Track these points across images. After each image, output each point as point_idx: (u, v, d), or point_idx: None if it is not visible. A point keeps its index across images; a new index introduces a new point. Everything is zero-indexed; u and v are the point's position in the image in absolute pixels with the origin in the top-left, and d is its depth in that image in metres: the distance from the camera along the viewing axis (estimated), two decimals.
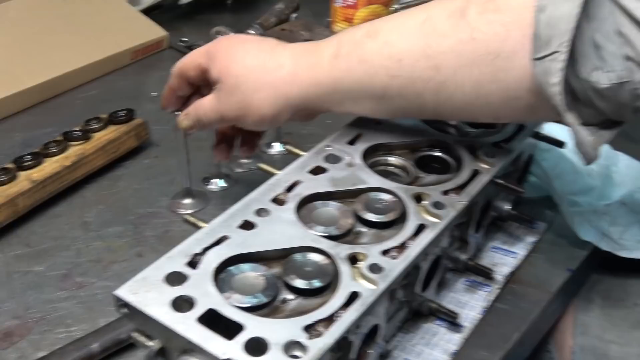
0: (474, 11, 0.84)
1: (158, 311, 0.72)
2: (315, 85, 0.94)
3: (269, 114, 0.96)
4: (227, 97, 0.97)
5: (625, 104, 0.79)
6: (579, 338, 1.13)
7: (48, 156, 1.19)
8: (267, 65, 0.95)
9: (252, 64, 0.95)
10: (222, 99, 0.97)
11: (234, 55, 0.97)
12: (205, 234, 0.83)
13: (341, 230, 0.86)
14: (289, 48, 0.97)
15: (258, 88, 0.95)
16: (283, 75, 0.94)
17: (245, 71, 0.95)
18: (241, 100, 0.96)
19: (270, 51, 0.96)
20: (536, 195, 1.18)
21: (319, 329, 0.73)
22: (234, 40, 1.00)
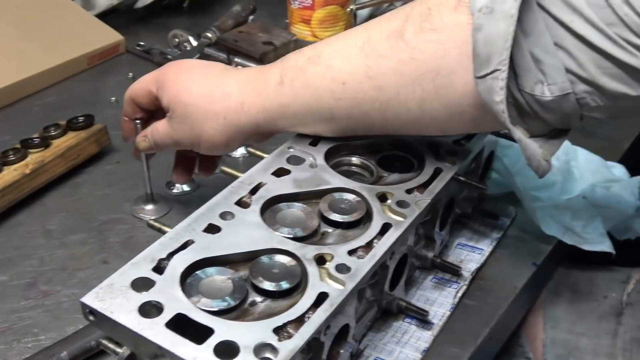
0: (412, 31, 0.85)
1: (126, 318, 0.72)
2: (263, 112, 0.95)
3: (221, 142, 0.97)
4: (180, 124, 0.97)
5: (569, 113, 0.81)
6: (550, 331, 1.15)
7: (6, 164, 1.17)
8: (214, 94, 0.95)
9: (199, 93, 0.95)
10: (175, 127, 0.98)
11: (182, 83, 0.97)
12: (169, 238, 0.82)
13: (307, 232, 0.86)
14: (234, 75, 0.97)
15: (208, 118, 0.95)
16: (231, 105, 0.95)
17: (194, 100, 0.95)
18: (192, 129, 0.97)
19: (216, 79, 0.96)
20: (499, 191, 1.19)
21: (289, 331, 0.73)
22: (182, 67, 1.00)
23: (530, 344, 1.17)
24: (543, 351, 1.15)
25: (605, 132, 1.40)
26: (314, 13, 1.74)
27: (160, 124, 1.00)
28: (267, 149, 1.02)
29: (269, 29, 1.77)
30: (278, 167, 0.95)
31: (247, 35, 1.72)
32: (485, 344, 0.95)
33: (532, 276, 1.06)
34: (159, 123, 1.01)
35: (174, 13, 2.01)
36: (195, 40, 1.68)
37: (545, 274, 1.14)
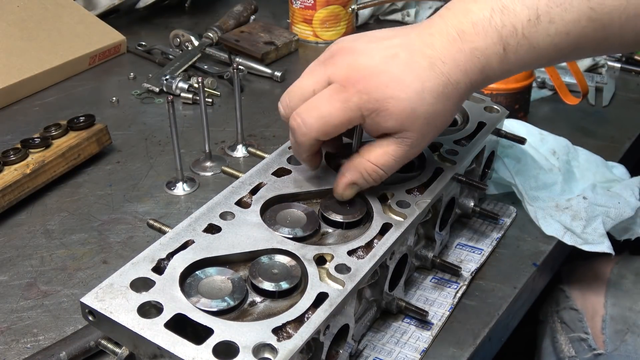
0: None
1: (125, 318, 0.72)
2: (486, 82, 0.89)
3: (452, 119, 0.92)
4: (421, 139, 0.87)
5: None
6: (610, 308, 1.19)
7: (7, 164, 1.17)
8: (446, 90, 0.85)
9: (437, 98, 0.85)
10: (414, 143, 0.87)
11: (408, 99, 0.84)
12: (169, 238, 0.82)
13: (307, 232, 0.86)
14: (447, 61, 0.85)
15: (449, 111, 0.88)
16: (463, 91, 0.86)
17: (433, 108, 0.85)
18: (436, 132, 0.89)
19: (435, 74, 0.84)
20: (499, 191, 1.19)
21: (288, 331, 0.73)
22: (383, 80, 0.85)
23: (590, 319, 1.20)
24: (602, 326, 1.18)
25: (605, 132, 1.41)
26: (315, 13, 1.74)
27: (385, 153, 0.88)
28: (267, 149, 1.02)
29: (271, 28, 1.77)
30: (278, 167, 0.96)
31: (248, 35, 1.72)
32: (485, 344, 0.95)
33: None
34: (381, 154, 0.88)
35: (176, 13, 2.01)
36: (196, 40, 1.69)
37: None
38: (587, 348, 1.18)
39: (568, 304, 1.23)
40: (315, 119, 0.86)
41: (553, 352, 1.24)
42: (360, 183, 0.90)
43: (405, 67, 0.84)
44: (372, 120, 0.85)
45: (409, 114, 0.84)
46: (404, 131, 0.86)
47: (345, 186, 0.90)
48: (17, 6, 1.65)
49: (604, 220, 1.10)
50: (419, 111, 0.84)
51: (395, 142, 0.87)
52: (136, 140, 1.38)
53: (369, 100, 0.84)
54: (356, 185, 0.90)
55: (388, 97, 0.83)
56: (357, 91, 0.84)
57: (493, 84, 0.91)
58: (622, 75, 1.64)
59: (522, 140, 1.12)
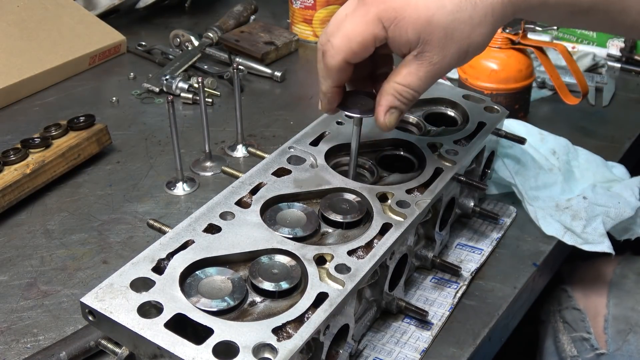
0: None
1: (125, 318, 0.72)
2: (526, 4, 0.85)
3: (489, 40, 0.87)
4: (441, 52, 0.84)
5: None
6: (613, 308, 1.19)
7: (7, 164, 1.17)
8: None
9: (459, 5, 0.81)
10: (435, 59, 0.84)
11: (426, 6, 0.81)
12: (169, 238, 0.82)
13: (307, 232, 0.86)
14: None
15: (477, 23, 0.83)
16: (495, 3, 0.82)
17: (454, 16, 0.81)
18: (461, 46, 0.84)
19: None
20: (499, 191, 1.19)
21: (288, 331, 0.73)
22: None
23: (592, 319, 1.20)
24: (604, 326, 1.18)
25: (606, 132, 1.41)
26: (315, 13, 1.74)
27: (409, 73, 0.86)
28: (267, 149, 1.02)
29: (271, 28, 1.77)
30: (278, 167, 0.96)
31: (248, 35, 1.72)
32: (485, 344, 0.95)
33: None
34: (406, 74, 0.86)
35: (175, 13, 2.01)
36: (196, 40, 1.68)
37: None
38: (589, 348, 1.18)
39: (570, 304, 1.23)
40: (340, 38, 0.85)
41: (555, 351, 1.24)
42: (396, 105, 0.88)
43: None
44: (393, 33, 0.83)
45: (426, 22, 0.81)
46: (423, 44, 0.83)
47: (385, 113, 0.88)
48: (17, 6, 1.65)
49: (604, 220, 1.10)
50: (437, 19, 0.81)
51: (416, 60, 0.84)
52: (136, 140, 1.38)
53: (386, 9, 0.82)
54: (394, 109, 0.88)
55: (405, 5, 0.81)
56: (376, 1, 0.82)
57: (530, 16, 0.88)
58: (622, 75, 1.64)
59: (522, 140, 1.12)
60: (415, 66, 0.85)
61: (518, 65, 1.31)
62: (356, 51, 0.85)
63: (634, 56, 1.66)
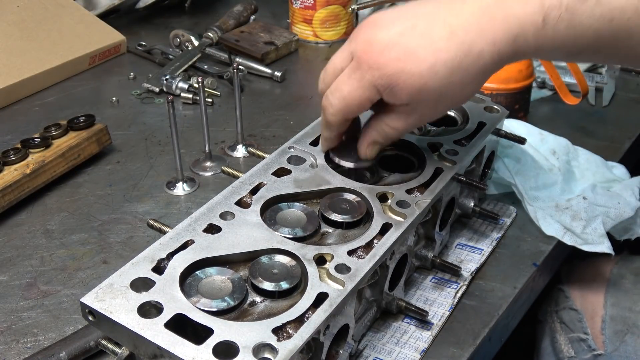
0: None
1: (125, 318, 0.72)
2: (518, 54, 0.86)
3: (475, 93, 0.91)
4: (432, 110, 0.89)
5: None
6: (610, 309, 1.18)
7: (7, 164, 1.17)
8: (465, 62, 0.83)
9: (451, 72, 0.83)
10: (425, 113, 0.90)
11: (420, 72, 0.83)
12: (169, 238, 0.82)
13: (307, 232, 0.86)
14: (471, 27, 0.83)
15: (467, 84, 0.86)
16: (487, 63, 0.85)
17: (446, 81, 0.84)
18: (450, 104, 0.91)
19: (454, 43, 0.83)
20: (499, 191, 1.19)
21: (288, 331, 0.73)
22: (398, 54, 0.84)
23: (590, 319, 1.20)
24: (601, 326, 1.18)
25: (606, 132, 1.41)
26: (315, 13, 1.74)
27: (399, 119, 0.90)
28: (267, 149, 1.02)
29: (271, 28, 1.77)
30: (278, 167, 0.96)
31: (248, 35, 1.72)
32: (485, 344, 0.95)
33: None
34: (396, 120, 0.90)
35: (176, 13, 2.01)
36: (196, 40, 1.68)
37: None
38: (586, 348, 1.18)
39: (567, 304, 1.23)
40: (338, 100, 0.89)
41: (552, 352, 1.24)
42: (380, 141, 0.93)
43: (421, 39, 0.83)
44: (387, 96, 0.86)
45: (420, 88, 0.84)
46: (416, 104, 0.87)
47: (368, 144, 0.94)
48: (17, 6, 1.65)
49: (604, 221, 1.10)
50: (431, 86, 0.83)
51: (409, 112, 0.88)
52: (136, 140, 1.38)
53: (380, 76, 0.84)
54: (377, 144, 0.94)
55: (399, 72, 0.83)
56: (370, 67, 0.85)
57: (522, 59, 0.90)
58: (622, 75, 1.64)
59: (522, 140, 1.12)
60: (406, 116, 0.89)
61: (518, 65, 1.31)
62: (353, 111, 0.91)
63: None
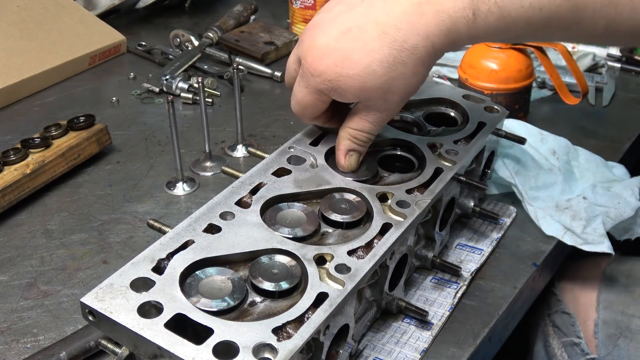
0: None
1: (125, 318, 0.72)
2: (451, 47, 0.88)
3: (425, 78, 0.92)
4: (384, 104, 0.91)
5: None
6: (603, 312, 1.18)
7: (7, 164, 1.17)
8: (401, 57, 0.86)
9: (388, 68, 0.86)
10: (380, 108, 0.92)
11: (359, 75, 0.87)
12: (169, 238, 0.82)
13: (307, 232, 0.86)
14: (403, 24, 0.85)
15: (409, 75, 0.88)
16: (423, 56, 0.86)
17: (387, 77, 0.87)
18: (401, 95, 0.91)
19: (387, 41, 0.85)
20: (499, 191, 1.19)
21: (288, 331, 0.73)
22: (335, 59, 0.88)
23: (582, 323, 1.20)
24: (594, 330, 1.18)
25: (606, 132, 1.41)
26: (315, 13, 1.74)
27: (360, 119, 0.94)
28: (267, 149, 1.02)
29: (271, 28, 1.77)
30: (278, 167, 0.96)
31: (248, 35, 1.72)
32: (485, 344, 0.95)
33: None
34: (357, 121, 0.94)
35: (176, 13, 2.01)
36: (196, 40, 1.68)
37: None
38: (579, 352, 1.18)
39: (560, 308, 1.23)
40: (296, 104, 0.95)
41: (545, 355, 1.23)
42: (354, 148, 0.96)
43: (355, 42, 0.87)
44: (335, 97, 0.91)
45: (361, 87, 0.87)
46: (365, 101, 0.91)
47: (344, 156, 0.96)
48: (17, 6, 1.65)
49: (604, 220, 1.10)
50: (371, 85, 0.87)
51: (365, 109, 0.92)
52: (136, 140, 1.38)
53: (322, 81, 0.89)
54: (353, 152, 0.96)
55: (338, 76, 0.87)
56: (312, 74, 0.89)
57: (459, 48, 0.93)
58: (622, 75, 1.64)
59: (522, 140, 1.12)
60: (364, 113, 0.93)
61: (518, 65, 1.31)
62: (312, 113, 0.95)
63: (634, 56, 1.66)
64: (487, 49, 1.32)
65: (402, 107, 0.94)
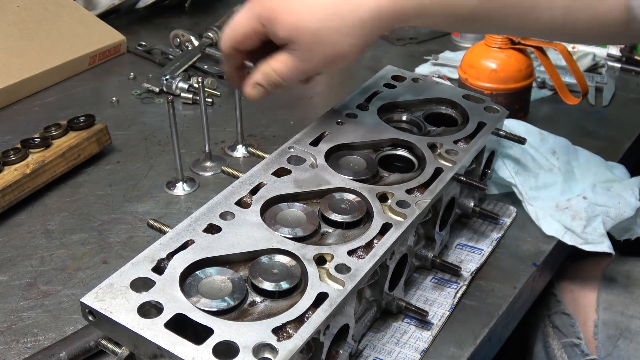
0: None
1: (125, 318, 0.72)
2: (400, 16, 0.90)
3: (360, 51, 0.93)
4: (309, 54, 0.93)
5: None
6: (602, 313, 1.18)
7: (7, 164, 1.17)
8: (343, 10, 0.89)
9: (325, 14, 0.90)
10: (303, 57, 0.93)
11: (297, 10, 0.91)
12: (169, 238, 0.82)
13: (307, 232, 0.86)
14: None
15: (343, 35, 0.90)
16: (365, 16, 0.89)
17: (322, 24, 0.90)
18: (328, 52, 0.92)
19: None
20: (499, 191, 1.19)
21: (288, 331, 0.73)
22: None
23: (582, 324, 1.20)
24: (594, 331, 1.18)
25: (606, 132, 1.41)
26: None
27: (278, 62, 0.95)
28: (267, 149, 1.02)
29: None
30: (278, 167, 0.96)
31: None
32: (485, 344, 0.95)
33: None
34: (278, 61, 0.95)
35: (176, 13, 2.01)
36: (196, 40, 1.68)
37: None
38: (579, 353, 1.18)
39: (560, 309, 1.23)
40: (229, 29, 0.97)
41: (545, 356, 1.23)
42: (262, 84, 0.98)
43: None
44: (269, 30, 0.93)
45: (297, 25, 0.90)
46: (293, 43, 0.92)
47: (251, 86, 0.99)
48: (17, 6, 1.65)
49: (604, 220, 1.10)
50: (306, 24, 0.90)
51: (288, 53, 0.94)
52: (136, 140, 1.38)
53: (264, 9, 0.92)
54: (260, 87, 0.99)
55: (280, 6, 0.91)
56: (259, 2, 0.93)
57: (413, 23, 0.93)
58: (622, 75, 1.64)
59: (522, 140, 1.12)
60: (286, 57, 0.94)
61: (518, 65, 1.31)
62: (240, 40, 0.97)
63: (634, 56, 1.66)
64: (487, 49, 1.32)
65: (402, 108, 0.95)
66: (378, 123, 1.06)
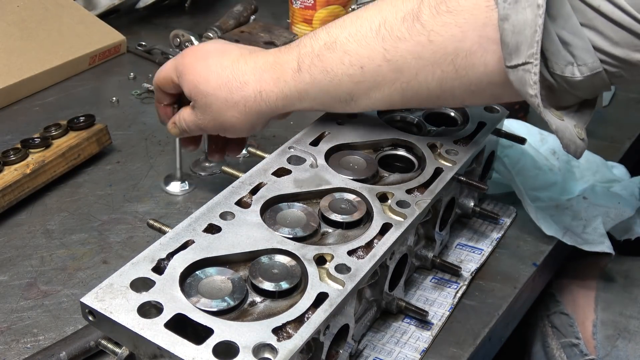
0: (428, 13, 0.86)
1: (125, 318, 0.72)
2: (282, 99, 0.96)
3: (245, 128, 1.01)
4: (203, 113, 1.01)
5: (600, 87, 0.83)
6: (601, 313, 1.19)
7: (7, 164, 1.17)
8: (232, 84, 0.97)
9: (217, 84, 0.98)
10: (199, 115, 1.02)
11: (199, 73, 0.99)
12: (169, 238, 0.82)
13: (307, 232, 0.86)
14: (250, 62, 0.98)
15: (229, 107, 0.98)
16: (249, 94, 0.97)
17: (212, 91, 0.98)
18: (215, 118, 1.00)
19: (232, 67, 0.98)
20: (499, 191, 1.19)
21: (288, 331, 0.73)
22: (198, 56, 1.02)
23: (581, 324, 1.20)
24: (593, 331, 1.18)
25: (605, 132, 1.41)
26: (315, 13, 1.74)
27: (186, 111, 1.05)
28: (267, 149, 1.02)
29: (271, 28, 1.77)
30: (278, 167, 0.96)
31: (248, 35, 1.72)
32: (485, 344, 0.95)
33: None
34: (185, 110, 1.05)
35: (176, 13, 2.01)
36: (196, 40, 1.68)
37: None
38: (578, 353, 1.18)
39: (558, 309, 1.23)
40: (158, 71, 1.07)
41: (544, 356, 1.23)
42: (177, 125, 1.08)
43: (218, 57, 1.00)
44: (180, 83, 1.02)
45: (194, 86, 0.99)
46: (194, 101, 1.01)
47: (171, 125, 1.09)
48: (17, 6, 1.65)
49: (604, 220, 1.10)
50: (203, 87, 0.98)
51: (191, 107, 1.03)
52: (136, 140, 1.38)
53: (180, 63, 1.02)
54: (175, 127, 1.08)
55: (189, 66, 1.00)
56: (180, 56, 1.03)
57: (296, 108, 0.99)
58: None
59: (522, 140, 1.12)
60: (189, 111, 1.04)
61: None
62: (162, 84, 1.06)
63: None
64: None
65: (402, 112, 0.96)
66: (378, 123, 1.06)
